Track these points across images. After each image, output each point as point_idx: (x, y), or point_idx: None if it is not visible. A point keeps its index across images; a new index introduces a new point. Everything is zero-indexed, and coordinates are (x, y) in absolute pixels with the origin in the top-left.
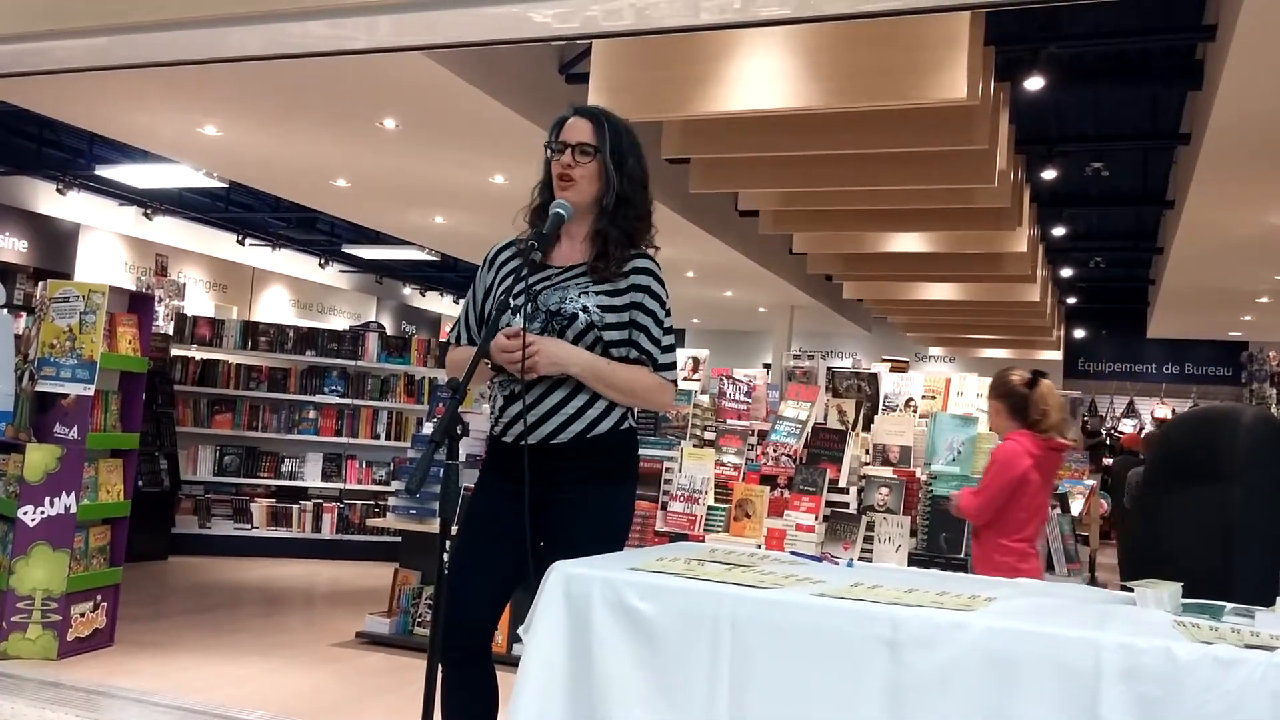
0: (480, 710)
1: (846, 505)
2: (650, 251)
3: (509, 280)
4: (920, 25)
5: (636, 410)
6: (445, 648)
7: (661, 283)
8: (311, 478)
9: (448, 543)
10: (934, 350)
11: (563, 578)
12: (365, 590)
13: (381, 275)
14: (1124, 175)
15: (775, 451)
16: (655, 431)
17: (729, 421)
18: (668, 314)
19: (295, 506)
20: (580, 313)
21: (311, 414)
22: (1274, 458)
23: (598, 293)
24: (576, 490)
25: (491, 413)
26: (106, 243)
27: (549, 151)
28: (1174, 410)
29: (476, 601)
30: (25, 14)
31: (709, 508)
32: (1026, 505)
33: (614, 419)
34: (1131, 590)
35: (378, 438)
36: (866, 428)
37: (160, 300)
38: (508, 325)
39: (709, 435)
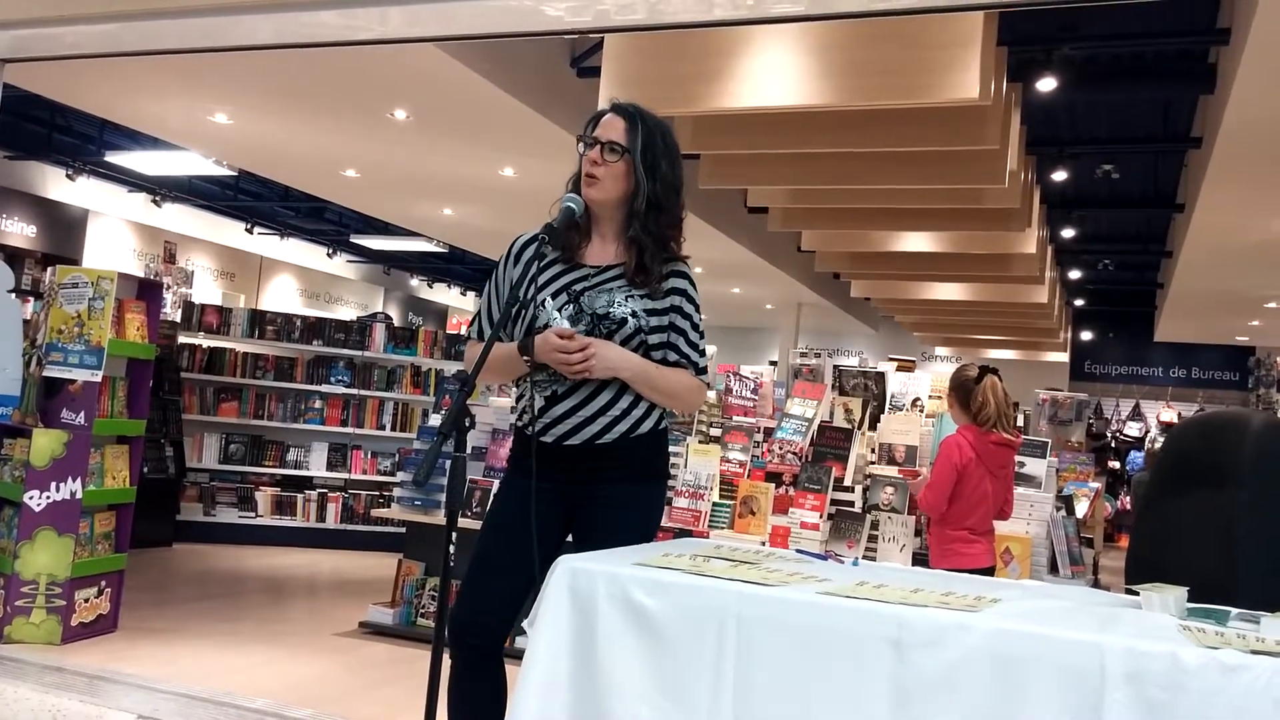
0: (490, 707)
1: (851, 504)
2: (684, 256)
3: (545, 277)
4: (933, 25)
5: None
6: (462, 644)
7: (694, 286)
8: (317, 467)
9: (453, 535)
10: (941, 350)
11: (568, 572)
12: (369, 580)
13: (389, 266)
14: (1134, 178)
15: (781, 449)
16: None
17: (735, 418)
18: (701, 317)
19: (300, 496)
20: (630, 317)
21: (317, 403)
22: None
23: (640, 296)
24: (613, 489)
25: (524, 411)
26: (115, 229)
27: (581, 145)
28: (1180, 414)
29: (498, 600)
30: (37, 0)
31: (714, 504)
32: (968, 496)
33: (654, 420)
34: (1137, 594)
35: (383, 428)
36: (873, 427)
37: (168, 288)
38: (547, 324)
39: (715, 431)
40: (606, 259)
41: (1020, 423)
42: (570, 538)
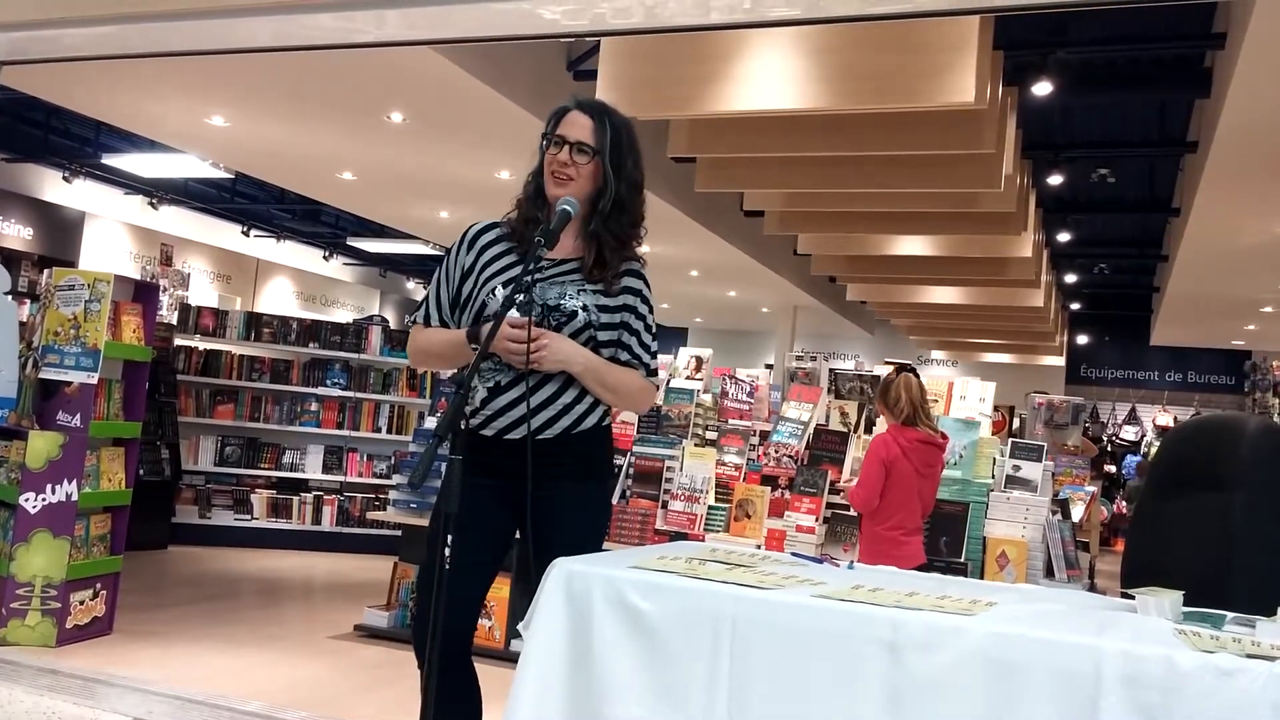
0: (465, 707)
1: (847, 507)
2: (639, 254)
3: (497, 266)
4: (929, 28)
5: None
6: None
7: (649, 287)
8: (312, 470)
9: (449, 538)
10: (937, 354)
11: (564, 575)
12: (364, 583)
13: (385, 269)
14: (1130, 182)
15: (777, 452)
16: (657, 430)
17: (731, 421)
18: (654, 319)
19: (295, 498)
20: (580, 310)
21: (313, 406)
22: (1277, 468)
23: (593, 292)
24: (557, 486)
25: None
26: (112, 231)
27: (545, 141)
28: (1176, 418)
29: (460, 606)
30: (35, 2)
31: (709, 507)
32: (897, 494)
33: (597, 416)
34: (1133, 597)
35: (379, 431)
36: (869, 430)
37: (164, 290)
38: (499, 313)
39: (710, 435)
40: (563, 253)
41: (1016, 425)
42: (517, 535)
